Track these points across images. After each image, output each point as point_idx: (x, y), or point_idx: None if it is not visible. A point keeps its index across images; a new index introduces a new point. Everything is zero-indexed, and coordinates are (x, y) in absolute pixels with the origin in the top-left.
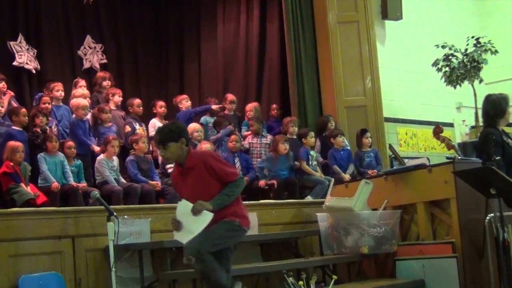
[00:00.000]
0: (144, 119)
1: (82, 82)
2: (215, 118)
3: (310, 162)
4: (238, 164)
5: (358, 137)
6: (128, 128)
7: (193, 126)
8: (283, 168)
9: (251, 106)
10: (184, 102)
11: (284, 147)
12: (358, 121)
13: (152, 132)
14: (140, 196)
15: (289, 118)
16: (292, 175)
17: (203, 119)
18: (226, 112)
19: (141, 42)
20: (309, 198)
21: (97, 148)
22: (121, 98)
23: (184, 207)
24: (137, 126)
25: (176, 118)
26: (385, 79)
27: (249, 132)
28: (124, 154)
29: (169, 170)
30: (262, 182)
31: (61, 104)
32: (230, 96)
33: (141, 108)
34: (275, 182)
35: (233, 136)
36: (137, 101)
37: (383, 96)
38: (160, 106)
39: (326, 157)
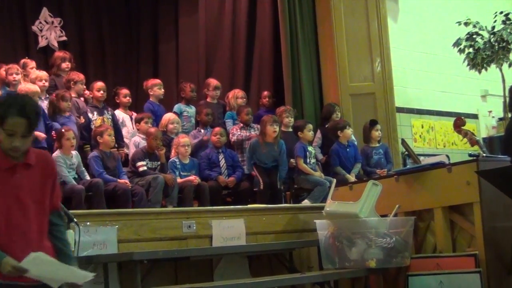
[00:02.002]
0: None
1: (32, 64)
2: (194, 107)
3: (308, 160)
4: (222, 162)
5: (366, 130)
6: (82, 120)
7: (167, 117)
8: (268, 159)
9: (234, 94)
10: (156, 90)
11: (273, 129)
12: (365, 112)
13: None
14: (115, 197)
15: (283, 107)
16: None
17: (176, 107)
18: (208, 100)
19: (107, 16)
20: (306, 202)
21: (41, 135)
22: (84, 87)
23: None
24: (94, 116)
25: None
26: (397, 62)
27: (236, 126)
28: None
29: (141, 169)
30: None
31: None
32: (213, 82)
33: (101, 92)
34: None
35: (217, 128)
36: (98, 84)
37: (395, 82)
38: (124, 95)
39: (327, 153)
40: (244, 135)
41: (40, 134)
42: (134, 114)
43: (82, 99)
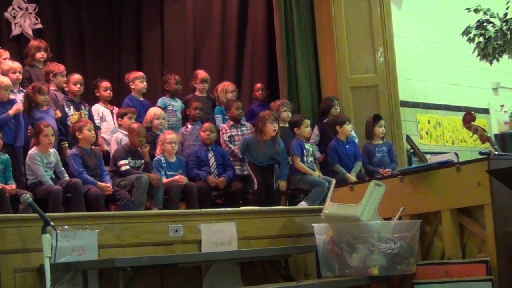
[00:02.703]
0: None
1: (6, 54)
2: (180, 100)
3: (305, 158)
4: (212, 160)
5: (369, 126)
6: (58, 114)
7: (152, 112)
8: (265, 158)
9: (223, 87)
10: (138, 83)
11: (273, 128)
12: (366, 106)
13: (97, 121)
14: (86, 202)
15: (280, 101)
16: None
17: (160, 101)
18: (197, 93)
19: (86, 2)
20: (303, 205)
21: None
22: (64, 79)
23: None
24: (71, 110)
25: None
26: (401, 52)
27: (226, 124)
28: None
29: (123, 168)
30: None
31: None
32: (201, 74)
33: (78, 86)
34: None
35: (206, 124)
36: (75, 77)
37: (399, 74)
38: (105, 88)
39: (325, 151)
40: (235, 133)
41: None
42: (116, 109)
43: (61, 92)
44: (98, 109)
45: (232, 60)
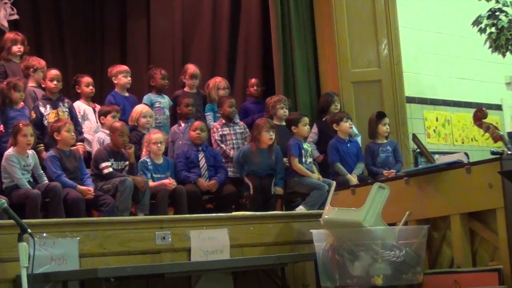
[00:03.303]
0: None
1: None
2: (167, 96)
3: (304, 159)
4: (203, 162)
5: (372, 124)
6: (33, 115)
7: (139, 109)
8: (262, 168)
9: (215, 84)
10: (122, 77)
11: (269, 137)
12: (370, 103)
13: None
14: (65, 207)
15: (276, 97)
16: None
17: (146, 98)
18: (186, 89)
19: None
20: (301, 209)
21: None
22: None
23: None
24: (47, 109)
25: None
26: (407, 44)
27: (218, 122)
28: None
29: (105, 171)
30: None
31: None
32: (191, 68)
33: (54, 83)
34: (251, 185)
35: (196, 123)
36: (52, 73)
37: (405, 68)
38: (86, 83)
39: (325, 151)
40: (227, 133)
41: None
42: (98, 106)
43: (40, 89)
44: (80, 106)
45: (224, 53)
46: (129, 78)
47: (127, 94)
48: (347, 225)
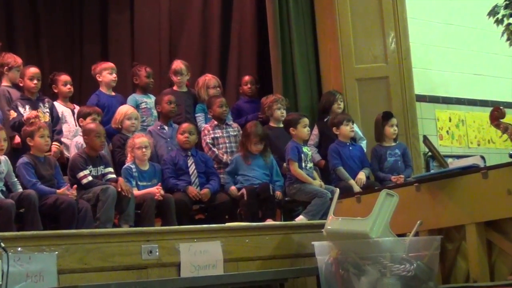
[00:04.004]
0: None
1: None
2: (154, 96)
3: (304, 164)
4: (193, 168)
5: (379, 125)
6: (13, 114)
7: (123, 110)
8: (257, 175)
9: (204, 82)
10: (107, 74)
11: (256, 149)
12: (376, 101)
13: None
14: (57, 215)
15: (273, 96)
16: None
17: (131, 99)
18: (175, 88)
19: None
20: (301, 219)
21: None
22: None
23: None
24: (26, 110)
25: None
26: (416, 37)
27: (209, 124)
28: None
29: (84, 180)
30: (233, 188)
31: None
32: (175, 64)
33: (35, 82)
34: (244, 191)
35: (184, 125)
36: (31, 71)
37: (414, 63)
38: (64, 82)
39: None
40: (219, 135)
41: None
42: (77, 107)
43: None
44: (57, 108)
45: (215, 48)
46: (115, 76)
47: (113, 93)
48: (352, 236)
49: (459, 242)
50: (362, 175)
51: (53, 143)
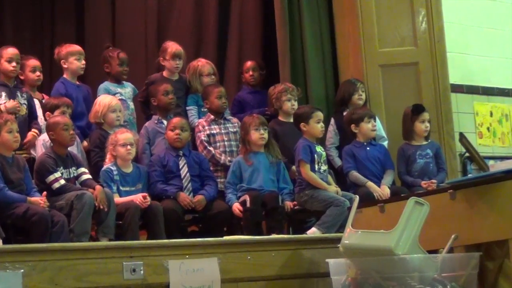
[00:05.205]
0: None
1: None
2: (130, 84)
3: (317, 166)
4: (185, 170)
5: (407, 120)
6: None
7: (106, 101)
8: (261, 178)
9: (196, 68)
10: (73, 60)
11: (259, 136)
12: (403, 92)
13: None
14: (27, 227)
15: (281, 85)
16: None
17: (102, 87)
18: (165, 74)
19: None
20: (314, 232)
21: None
22: None
23: None
24: (2, 98)
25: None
26: (452, 16)
27: (204, 118)
28: None
29: (55, 185)
30: (237, 205)
31: None
32: (173, 46)
33: (13, 64)
34: (247, 197)
35: (175, 120)
36: (9, 52)
37: (449, 47)
38: (33, 67)
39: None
40: (217, 131)
41: None
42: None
43: None
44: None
45: (212, 29)
46: (83, 62)
47: (77, 83)
48: (374, 253)
49: (502, 259)
50: (385, 188)
51: (32, 130)
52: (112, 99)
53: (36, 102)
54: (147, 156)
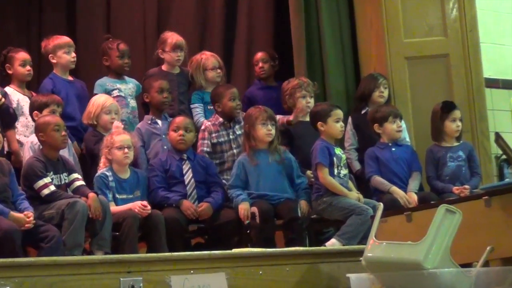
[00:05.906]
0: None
1: None
2: (133, 80)
3: (336, 170)
4: (189, 176)
5: (436, 118)
6: None
7: (100, 101)
8: (272, 184)
9: (199, 61)
10: (62, 54)
11: (266, 131)
12: (432, 88)
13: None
14: None
15: (296, 80)
16: (291, 195)
17: (98, 84)
18: (165, 67)
19: None
20: (333, 244)
21: None
22: None
23: None
24: None
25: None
26: (485, 2)
27: (211, 119)
28: None
29: (45, 191)
30: (243, 207)
31: None
32: (173, 37)
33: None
34: (256, 211)
35: (178, 119)
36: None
37: (483, 37)
38: (22, 61)
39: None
40: (223, 135)
41: None
42: None
43: None
44: (11, 95)
45: (218, 18)
46: (74, 55)
47: (70, 78)
48: (401, 267)
49: None
50: (412, 195)
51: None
52: (107, 99)
53: (26, 99)
54: (143, 161)
